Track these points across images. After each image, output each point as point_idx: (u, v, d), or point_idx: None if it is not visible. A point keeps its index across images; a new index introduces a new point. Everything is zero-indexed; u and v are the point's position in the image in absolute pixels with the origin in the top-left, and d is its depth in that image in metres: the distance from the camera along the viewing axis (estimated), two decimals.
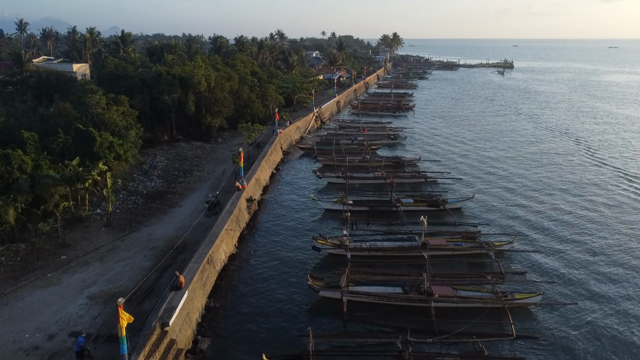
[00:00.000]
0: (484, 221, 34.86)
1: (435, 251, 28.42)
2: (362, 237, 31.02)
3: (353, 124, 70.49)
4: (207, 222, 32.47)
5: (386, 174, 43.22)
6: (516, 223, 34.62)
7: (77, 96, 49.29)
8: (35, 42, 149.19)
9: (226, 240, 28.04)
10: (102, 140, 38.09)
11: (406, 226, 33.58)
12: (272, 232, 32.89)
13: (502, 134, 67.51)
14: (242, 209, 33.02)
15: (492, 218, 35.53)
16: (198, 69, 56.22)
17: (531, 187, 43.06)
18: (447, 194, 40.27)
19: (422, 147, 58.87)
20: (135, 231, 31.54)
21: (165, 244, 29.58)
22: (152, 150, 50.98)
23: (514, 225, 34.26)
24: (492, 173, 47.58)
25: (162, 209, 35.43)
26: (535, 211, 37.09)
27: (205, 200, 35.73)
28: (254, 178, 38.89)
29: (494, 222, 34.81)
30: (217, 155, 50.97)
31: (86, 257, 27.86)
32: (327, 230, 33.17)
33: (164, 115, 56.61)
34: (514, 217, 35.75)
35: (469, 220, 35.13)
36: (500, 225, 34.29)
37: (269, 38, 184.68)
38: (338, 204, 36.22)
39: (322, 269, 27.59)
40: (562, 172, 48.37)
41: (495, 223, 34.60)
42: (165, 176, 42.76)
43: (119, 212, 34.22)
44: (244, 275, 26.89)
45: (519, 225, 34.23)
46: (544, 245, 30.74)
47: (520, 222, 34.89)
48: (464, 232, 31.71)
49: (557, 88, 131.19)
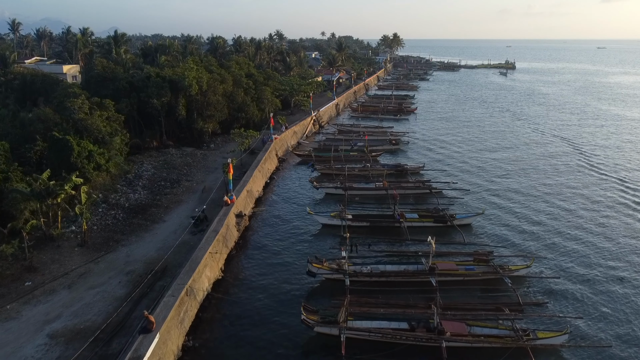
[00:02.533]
0: (496, 240, 31.80)
1: (445, 276, 25.48)
2: (363, 259, 27.98)
3: (353, 128, 67.51)
4: (192, 241, 29.53)
5: (388, 184, 40.26)
6: (532, 242, 31.46)
7: (59, 100, 46.46)
8: (29, 43, 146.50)
9: (210, 265, 25.06)
10: (80, 149, 35.21)
11: (411, 245, 30.57)
12: (264, 252, 29.88)
13: (510, 140, 63.84)
14: (230, 226, 30.03)
15: (505, 236, 32.40)
16: (189, 71, 53.25)
17: (546, 201, 39.45)
18: (454, 207, 37.31)
19: (425, 153, 55.78)
20: (112, 251, 28.57)
21: (143, 267, 26.63)
22: (139, 158, 48.02)
23: (530, 244, 31.14)
24: (502, 184, 44.18)
25: (144, 225, 32.45)
26: (553, 229, 33.69)
27: (191, 215, 32.73)
28: (245, 190, 35.90)
29: (508, 240, 31.69)
30: (209, 162, 47.98)
31: (54, 283, 24.89)
32: (324, 249, 30.23)
33: (154, 120, 53.66)
34: (529, 235, 32.54)
35: (479, 238, 32.08)
36: (514, 244, 31.18)
37: (267, 39, 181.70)
38: (336, 218, 33.26)
39: (318, 297, 24.66)
40: (581, 185, 44.00)
41: (509, 242, 31.48)
42: (150, 187, 39.77)
43: (96, 229, 31.24)
44: (229, 307, 23.88)
45: (535, 244, 31.10)
46: (566, 270, 27.61)
47: (537, 241, 31.70)
48: (474, 252, 28.72)
49: (561, 90, 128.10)
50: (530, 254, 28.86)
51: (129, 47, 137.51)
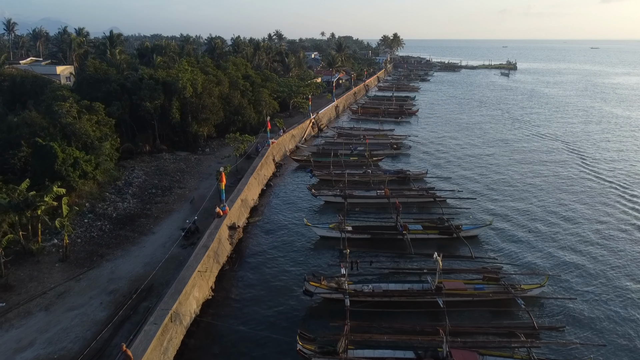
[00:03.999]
0: (505, 254, 29.88)
1: (452, 297, 23.61)
2: (363, 276, 26.11)
3: (353, 131, 65.60)
4: (181, 255, 27.70)
5: (390, 192, 38.40)
6: (543, 257, 29.47)
7: (47, 103, 44.58)
8: (24, 43, 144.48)
9: (199, 285, 23.17)
10: (65, 156, 33.29)
11: (415, 260, 28.71)
12: (258, 268, 27.97)
13: (516, 145, 61.16)
14: (222, 239, 28.14)
15: (514, 250, 30.39)
16: (183, 72, 51.33)
17: (558, 213, 36.86)
18: (459, 216, 35.44)
19: (428, 159, 53.84)
20: (95, 267, 26.68)
21: (128, 286, 24.77)
22: (131, 163, 46.14)
23: (541, 259, 29.17)
24: (509, 193, 42.04)
25: (132, 237, 30.55)
26: (566, 243, 31.53)
27: (181, 227, 30.83)
28: (239, 199, 34.01)
29: (517, 255, 29.72)
30: (203, 168, 46.07)
31: (30, 304, 23.02)
32: (323, 264, 28.38)
33: (147, 124, 51.73)
34: (539, 249, 30.53)
35: (487, 252, 30.19)
36: (524, 259, 29.22)
37: (267, 39, 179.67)
38: (335, 230, 31.37)
39: (316, 320, 22.79)
40: (595, 195, 41.26)
41: (519, 257, 29.51)
42: (140, 195, 37.87)
43: (80, 242, 29.34)
44: (220, 331, 21.97)
45: (547, 260, 29.12)
46: (583, 289, 25.65)
47: (548, 255, 29.72)
48: (482, 268, 26.87)
49: (565, 91, 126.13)
50: (542, 271, 26.97)
51: (125, 47, 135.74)
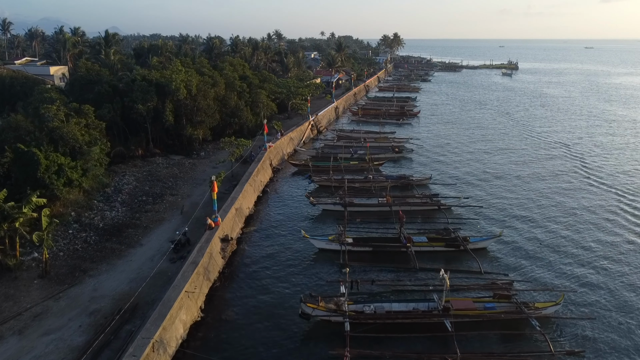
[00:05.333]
0: (515, 269, 27.99)
1: (461, 317, 21.81)
2: (365, 296, 24.30)
3: (353, 134, 63.79)
4: (170, 270, 25.90)
5: (392, 200, 36.61)
6: (557, 272, 27.55)
7: (34, 106, 42.80)
8: (20, 43, 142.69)
9: (187, 306, 21.36)
10: (48, 163, 31.47)
11: (420, 275, 26.90)
12: (252, 285, 26.12)
13: (523, 149, 58.84)
14: (214, 254, 26.33)
15: (526, 264, 28.41)
16: (177, 73, 49.50)
17: (571, 225, 34.44)
18: (466, 226, 33.59)
19: (430, 163, 51.91)
20: (77, 284, 24.90)
21: (111, 305, 22.98)
22: (122, 168, 44.37)
23: (555, 274, 27.25)
24: (518, 201, 39.79)
25: (118, 249, 28.76)
26: (582, 256, 29.47)
27: (170, 239, 29.01)
28: (233, 208, 32.20)
29: (530, 269, 27.83)
30: (197, 173, 44.25)
31: (3, 327, 21.22)
32: (321, 281, 26.54)
33: (139, 127, 49.91)
34: (553, 264, 28.56)
35: (497, 265, 28.39)
36: (537, 273, 27.34)
37: (266, 39, 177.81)
38: (335, 242, 29.57)
39: (313, 347, 20.98)
40: (613, 205, 38.70)
41: (531, 271, 27.63)
42: (130, 203, 36.07)
43: (62, 256, 27.55)
44: (207, 358, 20.17)
45: (561, 275, 27.21)
46: (602, 308, 23.80)
47: (562, 270, 27.79)
48: (492, 283, 25.08)
49: (569, 92, 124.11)
50: (557, 287, 25.15)
51: (122, 47, 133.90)
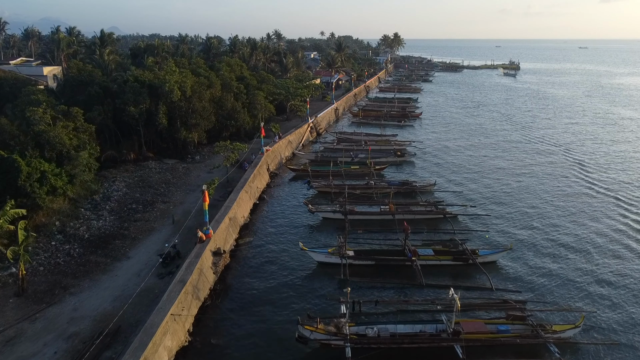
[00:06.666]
0: (529, 285, 26.10)
1: (473, 341, 19.98)
2: (367, 316, 22.47)
3: (353, 136, 61.93)
4: (157, 287, 24.09)
5: (395, 208, 34.78)
6: (576, 289, 25.69)
7: (20, 108, 40.96)
8: (16, 43, 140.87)
9: (173, 330, 19.51)
10: (30, 170, 29.64)
11: (426, 292, 25.07)
12: (245, 303, 24.28)
13: (531, 152, 56.76)
14: (204, 269, 24.49)
15: (540, 280, 26.48)
16: (170, 74, 47.63)
17: (588, 235, 32.63)
18: (473, 237, 31.76)
19: (434, 168, 49.97)
20: (56, 303, 23.06)
21: (91, 328, 21.14)
22: (113, 173, 42.53)
23: (573, 291, 25.39)
24: (528, 209, 37.80)
25: (104, 263, 26.91)
26: (602, 271, 27.56)
27: (159, 252, 27.15)
28: (227, 217, 30.35)
29: (544, 286, 25.92)
30: (191, 179, 42.39)
31: None
32: (320, 298, 24.69)
33: (132, 130, 48.05)
34: (571, 280, 26.63)
35: (509, 281, 26.52)
36: (552, 291, 25.44)
37: (265, 39, 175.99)
38: (335, 256, 27.72)
39: None
40: (633, 214, 36.91)
41: (546, 288, 25.72)
42: (119, 211, 34.20)
43: (42, 271, 25.70)
44: None
45: (580, 292, 25.36)
46: (626, 332, 21.93)
47: (582, 287, 25.89)
48: (504, 302, 23.27)
49: (573, 92, 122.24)
50: (576, 307, 23.28)
51: (119, 47, 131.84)
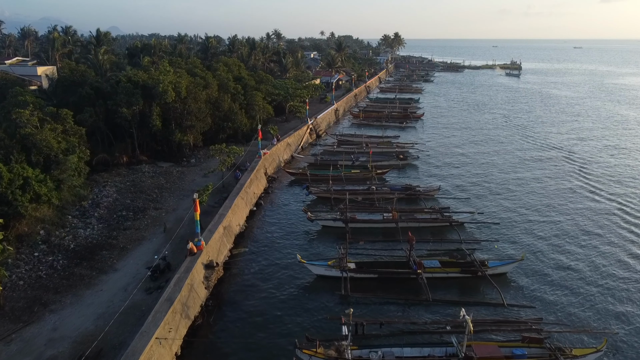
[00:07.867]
0: (543, 300, 24.36)
1: None
2: (370, 339, 20.76)
3: (354, 139, 60.18)
4: (145, 303, 22.41)
5: (398, 215, 33.10)
6: (595, 307, 23.90)
7: (6, 110, 39.30)
8: (12, 42, 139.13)
9: (158, 356, 17.80)
10: (12, 176, 27.93)
11: (434, 309, 23.38)
12: (238, 321, 22.58)
13: (540, 155, 54.65)
14: (195, 285, 22.79)
15: (556, 298, 24.64)
16: (164, 75, 45.94)
17: (605, 247, 30.62)
18: (482, 247, 30.07)
19: (437, 172, 48.07)
20: (34, 322, 21.35)
21: (70, 351, 19.45)
22: (105, 177, 40.88)
23: (592, 310, 23.61)
24: (538, 216, 36.00)
25: (89, 276, 25.21)
26: (622, 287, 25.77)
27: (148, 264, 25.46)
28: (221, 226, 28.65)
29: (560, 303, 24.14)
30: (185, 183, 40.70)
31: None
32: (319, 318, 22.96)
33: (125, 132, 46.37)
34: (589, 296, 24.81)
35: (521, 295, 24.81)
36: (569, 308, 23.68)
37: (265, 38, 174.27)
38: (335, 269, 26.04)
39: None
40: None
41: (562, 305, 23.96)
42: (108, 218, 32.50)
43: (23, 285, 24.01)
44: None
45: (600, 311, 23.58)
46: None
47: (601, 305, 24.09)
48: (517, 320, 21.63)
49: (577, 93, 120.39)
50: (596, 328, 21.59)
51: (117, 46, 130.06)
